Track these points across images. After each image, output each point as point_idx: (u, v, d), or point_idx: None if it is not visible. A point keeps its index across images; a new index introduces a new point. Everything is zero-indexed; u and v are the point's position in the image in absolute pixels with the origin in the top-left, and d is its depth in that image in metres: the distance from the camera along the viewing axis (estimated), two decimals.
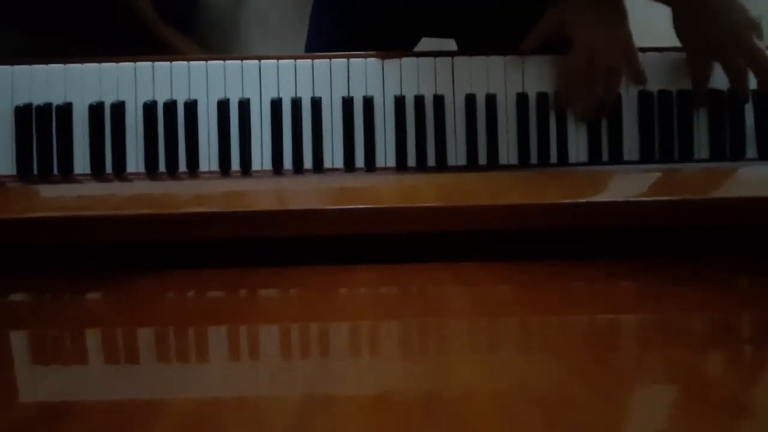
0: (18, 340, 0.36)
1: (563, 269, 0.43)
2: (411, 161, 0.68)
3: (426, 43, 0.86)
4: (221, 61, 0.68)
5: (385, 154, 0.68)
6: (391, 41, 0.77)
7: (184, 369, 0.31)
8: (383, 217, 0.45)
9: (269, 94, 0.68)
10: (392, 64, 0.69)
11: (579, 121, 0.68)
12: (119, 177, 0.66)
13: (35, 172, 0.67)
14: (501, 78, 0.69)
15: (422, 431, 0.23)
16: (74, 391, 0.28)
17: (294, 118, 0.67)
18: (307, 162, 0.67)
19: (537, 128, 0.68)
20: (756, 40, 0.65)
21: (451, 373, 0.28)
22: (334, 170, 0.67)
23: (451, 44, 0.85)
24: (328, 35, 0.85)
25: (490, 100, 0.68)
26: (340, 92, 0.68)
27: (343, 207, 0.46)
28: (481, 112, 0.68)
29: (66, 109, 0.67)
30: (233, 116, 0.67)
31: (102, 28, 1.04)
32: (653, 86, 0.69)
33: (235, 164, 0.67)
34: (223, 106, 0.67)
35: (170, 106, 0.67)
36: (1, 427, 0.24)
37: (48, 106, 0.67)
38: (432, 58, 0.69)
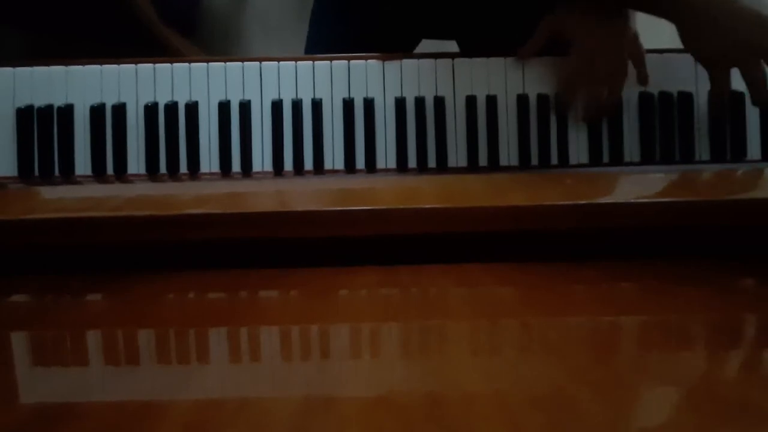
0: (19, 341, 0.36)
1: (565, 270, 0.43)
2: (412, 162, 0.68)
3: (427, 45, 0.86)
4: (222, 63, 0.68)
5: (386, 155, 0.68)
6: (392, 43, 0.77)
7: (186, 371, 0.31)
8: (384, 219, 0.45)
9: (270, 96, 0.68)
10: (393, 66, 0.69)
11: (579, 123, 0.68)
12: (120, 178, 0.66)
13: (36, 173, 0.67)
14: (501, 79, 0.69)
15: None
16: (75, 393, 0.28)
17: (295, 120, 0.67)
18: (308, 163, 0.67)
19: (537, 130, 0.68)
20: None
21: (453, 375, 0.28)
22: (334, 171, 0.67)
23: (451, 46, 0.85)
24: (329, 36, 0.85)
25: (491, 101, 0.68)
26: (341, 94, 0.68)
27: (344, 208, 0.46)
28: (481, 114, 0.68)
29: (67, 111, 0.67)
30: (234, 118, 0.67)
31: (102, 28, 1.04)
32: (654, 88, 0.69)
33: (236, 166, 0.67)
34: (224, 107, 0.67)
35: (171, 108, 0.67)
36: (2, 429, 0.24)
37: (49, 107, 0.67)
38: (432, 60, 0.69)
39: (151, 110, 0.67)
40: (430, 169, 0.68)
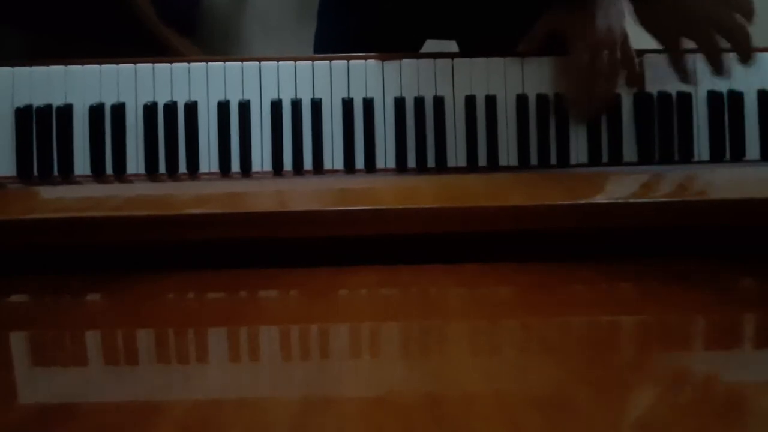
0: (19, 341, 0.36)
1: (564, 270, 0.43)
2: (411, 162, 0.67)
3: (426, 45, 0.86)
4: (221, 63, 0.68)
5: (385, 155, 0.68)
6: (396, 43, 0.77)
7: (186, 370, 0.31)
8: (383, 219, 0.45)
9: (269, 96, 0.68)
10: (392, 66, 0.69)
11: (579, 122, 0.68)
12: (119, 178, 0.66)
13: (35, 173, 0.66)
14: (501, 79, 0.69)
15: None
16: (75, 393, 0.28)
17: (294, 120, 0.67)
18: (307, 163, 0.67)
19: (537, 129, 0.68)
20: (733, 14, 0.63)
21: (452, 375, 0.28)
22: (334, 171, 0.67)
23: (451, 46, 0.85)
24: (336, 33, 0.85)
25: (490, 101, 0.68)
26: (340, 94, 0.68)
27: (343, 208, 0.46)
28: (480, 114, 0.68)
29: (66, 111, 0.67)
30: (233, 117, 0.67)
31: (102, 28, 1.04)
32: (653, 88, 0.69)
33: (235, 166, 0.67)
34: (223, 107, 0.67)
35: (170, 108, 0.67)
36: (2, 429, 0.24)
37: (48, 107, 0.67)
38: (432, 60, 0.69)
39: (150, 110, 0.67)
40: (430, 169, 0.67)
